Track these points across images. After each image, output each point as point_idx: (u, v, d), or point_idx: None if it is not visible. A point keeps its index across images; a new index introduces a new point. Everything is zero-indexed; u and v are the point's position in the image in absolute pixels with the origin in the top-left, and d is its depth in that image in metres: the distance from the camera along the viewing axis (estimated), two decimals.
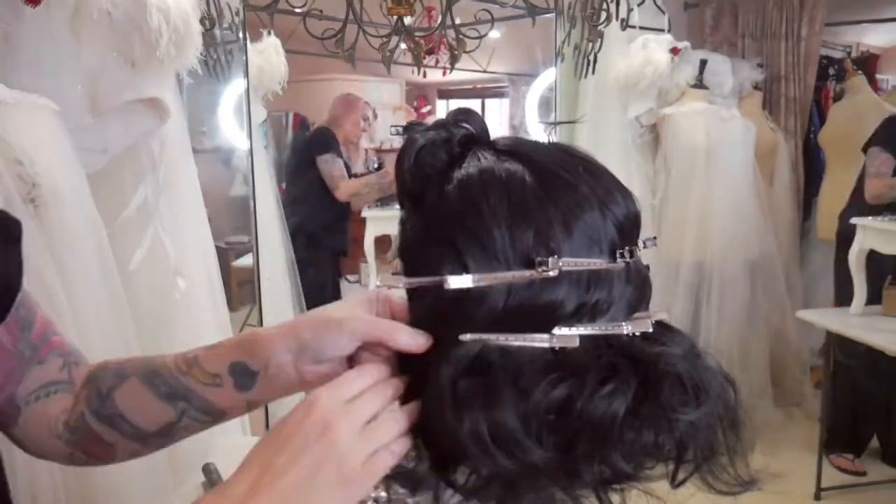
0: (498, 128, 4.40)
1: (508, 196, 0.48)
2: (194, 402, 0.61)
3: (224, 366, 0.60)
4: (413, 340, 0.50)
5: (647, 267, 0.53)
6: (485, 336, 0.47)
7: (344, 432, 0.46)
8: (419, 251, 0.51)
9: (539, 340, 0.46)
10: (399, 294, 0.56)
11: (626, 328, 0.47)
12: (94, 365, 0.68)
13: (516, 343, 0.46)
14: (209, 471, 1.10)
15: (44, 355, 0.65)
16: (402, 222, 0.54)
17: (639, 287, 0.51)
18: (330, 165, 2.90)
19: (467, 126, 0.53)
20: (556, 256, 0.47)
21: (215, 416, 0.63)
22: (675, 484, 0.48)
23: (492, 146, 0.53)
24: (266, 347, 0.57)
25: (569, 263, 0.47)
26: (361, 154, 3.27)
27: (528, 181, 0.49)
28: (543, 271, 0.46)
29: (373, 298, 0.57)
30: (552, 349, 0.46)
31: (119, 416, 0.63)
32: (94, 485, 1.19)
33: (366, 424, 0.47)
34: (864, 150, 2.72)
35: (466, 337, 0.47)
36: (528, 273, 0.47)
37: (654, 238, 0.53)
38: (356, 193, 2.91)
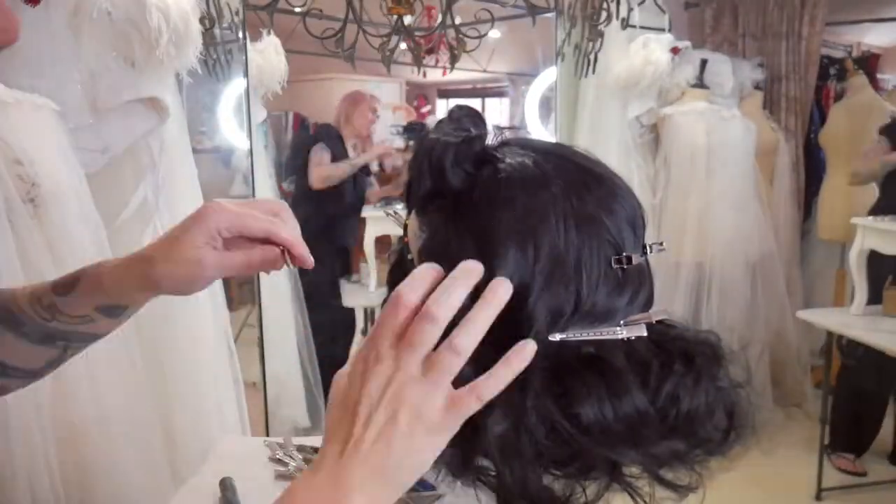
0: None
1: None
2: (73, 338, 0.62)
3: (88, 309, 0.61)
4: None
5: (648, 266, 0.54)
6: (562, 333, 0.47)
7: (406, 386, 0.40)
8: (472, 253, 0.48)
9: (610, 333, 0.47)
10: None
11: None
12: None
13: (592, 338, 0.47)
14: (225, 486, 1.07)
15: None
16: (432, 225, 0.52)
17: (651, 286, 0.53)
18: (313, 154, 2.94)
19: (476, 128, 0.53)
20: (625, 254, 0.48)
21: (100, 338, 0.64)
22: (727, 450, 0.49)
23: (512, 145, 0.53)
24: (117, 288, 0.60)
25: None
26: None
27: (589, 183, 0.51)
28: (620, 268, 0.48)
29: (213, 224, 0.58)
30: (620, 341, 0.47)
31: (1, 364, 0.62)
32: (94, 485, 1.18)
33: (426, 362, 0.41)
34: None
35: (556, 336, 0.47)
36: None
37: (662, 243, 0.54)
38: (328, 177, 2.94)
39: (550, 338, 0.46)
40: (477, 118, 0.54)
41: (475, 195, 0.50)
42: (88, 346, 0.64)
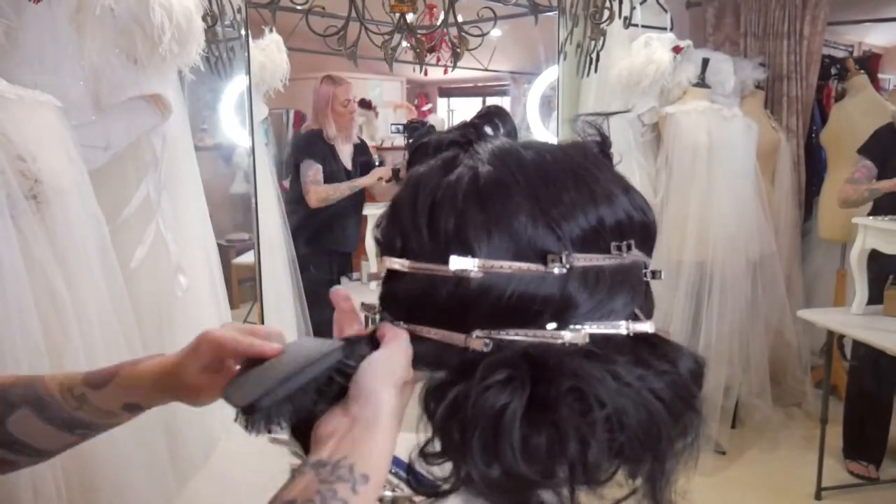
0: None
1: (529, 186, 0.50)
2: (94, 428, 0.64)
3: (117, 405, 0.62)
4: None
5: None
6: (494, 333, 0.46)
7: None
8: (422, 237, 0.51)
9: (551, 337, 0.46)
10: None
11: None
12: None
13: (526, 339, 0.46)
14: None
15: None
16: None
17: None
18: (305, 171, 2.82)
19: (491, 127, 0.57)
20: (568, 252, 0.47)
21: (114, 427, 0.66)
22: None
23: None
24: (147, 394, 0.62)
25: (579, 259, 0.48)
26: (351, 148, 3.14)
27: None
28: (553, 266, 0.47)
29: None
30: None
31: (17, 442, 0.63)
32: (97, 484, 1.18)
33: None
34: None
35: (475, 334, 0.46)
36: (535, 266, 0.47)
37: (660, 272, 0.54)
38: (325, 198, 2.85)
39: (477, 336, 0.46)
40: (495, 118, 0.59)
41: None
42: (102, 433, 0.66)
